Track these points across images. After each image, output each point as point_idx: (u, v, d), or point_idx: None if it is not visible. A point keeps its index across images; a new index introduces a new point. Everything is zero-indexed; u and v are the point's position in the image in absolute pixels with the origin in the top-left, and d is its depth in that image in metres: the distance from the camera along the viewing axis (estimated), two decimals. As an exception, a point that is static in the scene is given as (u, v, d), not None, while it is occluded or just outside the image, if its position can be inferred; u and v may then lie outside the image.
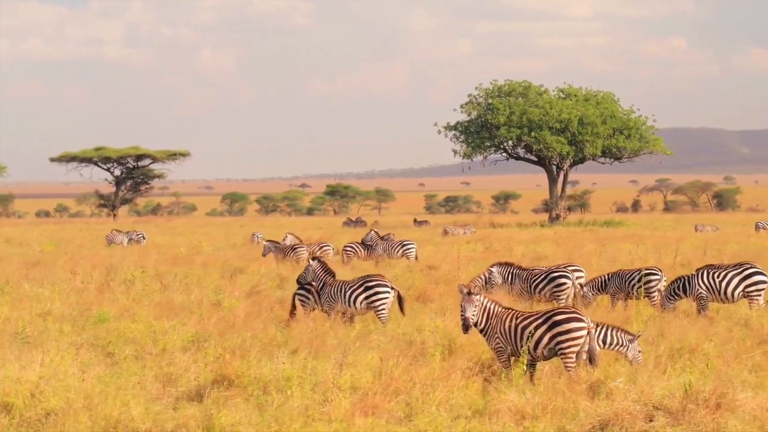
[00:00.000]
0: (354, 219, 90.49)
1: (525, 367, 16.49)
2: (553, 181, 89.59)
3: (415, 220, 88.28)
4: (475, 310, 17.06)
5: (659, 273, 25.83)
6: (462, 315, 17.08)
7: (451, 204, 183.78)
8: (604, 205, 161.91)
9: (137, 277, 32.30)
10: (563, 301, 25.21)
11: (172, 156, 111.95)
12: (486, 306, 17.21)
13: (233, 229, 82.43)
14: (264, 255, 43.55)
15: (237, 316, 22.68)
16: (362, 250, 43.13)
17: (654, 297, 25.26)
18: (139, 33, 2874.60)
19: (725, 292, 24.02)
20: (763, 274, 24.21)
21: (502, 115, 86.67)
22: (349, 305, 23.35)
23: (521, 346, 16.75)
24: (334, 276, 24.12)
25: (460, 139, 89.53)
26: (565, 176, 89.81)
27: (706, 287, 24.10)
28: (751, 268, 24.39)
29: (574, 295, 26.38)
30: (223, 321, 21.71)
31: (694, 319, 23.22)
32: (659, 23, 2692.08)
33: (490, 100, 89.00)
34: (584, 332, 16.66)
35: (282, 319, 23.08)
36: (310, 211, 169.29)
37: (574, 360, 16.60)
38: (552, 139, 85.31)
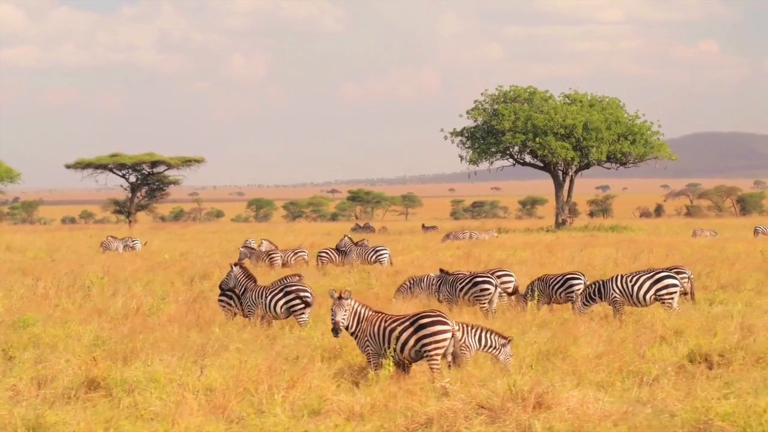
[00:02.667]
0: (362, 225, 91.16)
1: (391, 369, 17.12)
2: (558, 186, 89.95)
3: (423, 226, 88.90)
4: (345, 314, 17.69)
5: (581, 278, 26.39)
6: (332, 319, 17.72)
7: (478, 209, 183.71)
8: (629, 210, 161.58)
9: (95, 283, 33.15)
10: (486, 305, 25.78)
11: (187, 162, 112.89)
12: (356, 310, 17.85)
13: (241, 235, 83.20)
14: (240, 260, 44.18)
15: (159, 319, 23.46)
16: (336, 256, 43.79)
17: (576, 301, 25.82)
18: (171, 39, 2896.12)
19: (637, 296, 24.57)
20: (674, 278, 24.74)
21: (507, 120, 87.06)
22: (270, 310, 24.04)
23: (389, 348, 17.39)
24: (255, 281, 24.87)
25: (467, 145, 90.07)
26: (571, 182, 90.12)
27: (620, 291, 24.66)
28: (662, 272, 24.95)
29: (510, 299, 27.05)
30: (141, 325, 22.41)
31: (608, 322, 23.80)
32: (691, 27, 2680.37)
33: (495, 106, 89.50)
34: (448, 335, 17.27)
35: (207, 322, 23.81)
36: (334, 217, 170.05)
37: (438, 362, 17.21)
38: (557, 144, 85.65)
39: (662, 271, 25.00)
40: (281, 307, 23.92)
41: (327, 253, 43.90)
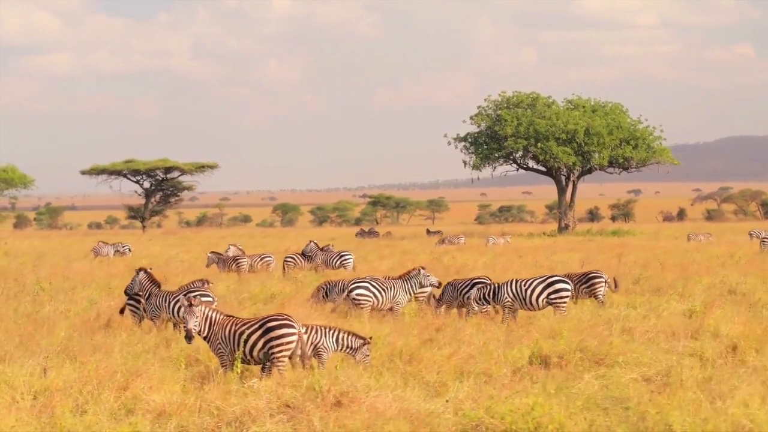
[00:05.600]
0: (367, 230, 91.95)
1: (239, 370, 17.89)
2: (561, 191, 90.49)
3: (428, 231, 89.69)
4: (197, 321, 18.43)
5: (488, 282, 27.02)
6: (185, 327, 18.47)
7: (505, 214, 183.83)
8: (653, 214, 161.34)
9: (45, 289, 34.09)
10: (364, 308, 26.48)
11: (201, 168, 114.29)
12: (208, 315, 18.61)
13: (247, 240, 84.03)
14: (207, 266, 45.11)
15: (73, 324, 24.37)
16: (302, 261, 44.54)
17: (469, 302, 26.46)
18: (205, 45, 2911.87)
19: (530, 300, 25.25)
20: (566, 283, 25.40)
21: (510, 126, 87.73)
22: (174, 314, 24.86)
23: (239, 350, 18.16)
24: (159, 287, 25.70)
25: (470, 150, 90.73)
26: (574, 187, 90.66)
27: (512, 295, 25.34)
28: (553, 277, 25.60)
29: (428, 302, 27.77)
30: (44, 329, 23.27)
31: (507, 324, 24.46)
32: (726, 31, 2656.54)
33: (498, 112, 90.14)
34: (295, 338, 18.05)
35: (109, 326, 24.73)
36: (358, 222, 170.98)
37: (284, 363, 17.98)
38: (558, 149, 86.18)
39: (555, 276, 25.66)
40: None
41: (293, 258, 44.66)
